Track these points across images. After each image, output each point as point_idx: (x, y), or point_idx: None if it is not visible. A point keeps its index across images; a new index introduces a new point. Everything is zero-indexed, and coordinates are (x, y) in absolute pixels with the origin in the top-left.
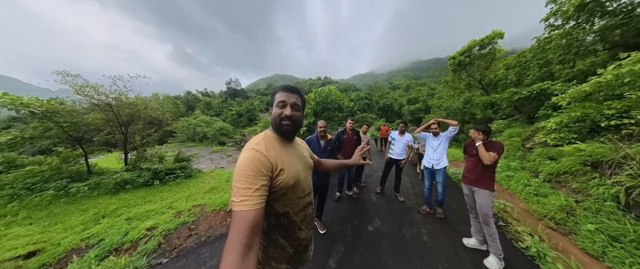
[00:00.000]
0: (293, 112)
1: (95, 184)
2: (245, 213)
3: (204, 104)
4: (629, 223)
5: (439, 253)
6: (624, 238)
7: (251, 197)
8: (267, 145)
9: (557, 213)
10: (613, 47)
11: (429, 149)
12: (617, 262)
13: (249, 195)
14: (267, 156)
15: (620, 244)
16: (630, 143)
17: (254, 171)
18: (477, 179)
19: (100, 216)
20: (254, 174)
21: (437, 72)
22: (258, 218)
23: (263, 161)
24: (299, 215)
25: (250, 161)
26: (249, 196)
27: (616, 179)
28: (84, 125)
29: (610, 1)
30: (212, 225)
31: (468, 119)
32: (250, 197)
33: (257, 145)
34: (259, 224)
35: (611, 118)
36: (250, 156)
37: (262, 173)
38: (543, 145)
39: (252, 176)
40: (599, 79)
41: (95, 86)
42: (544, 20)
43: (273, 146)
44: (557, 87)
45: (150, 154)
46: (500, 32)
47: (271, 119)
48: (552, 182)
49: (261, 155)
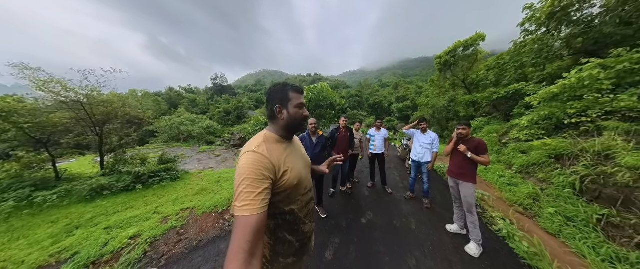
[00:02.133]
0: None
1: (66, 192)
2: (248, 218)
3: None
4: (581, 206)
5: (425, 239)
6: (576, 218)
7: (254, 201)
8: (268, 147)
9: (525, 199)
10: (576, 53)
11: (417, 144)
12: (570, 238)
13: (251, 199)
14: (270, 158)
15: (573, 223)
16: (587, 138)
17: (256, 175)
18: (462, 173)
19: (74, 227)
20: (256, 177)
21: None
22: (261, 222)
23: (265, 164)
24: (303, 211)
25: (252, 165)
26: (251, 200)
27: (573, 169)
28: (50, 125)
29: (574, 11)
30: (203, 228)
31: (452, 117)
32: (253, 202)
33: (258, 147)
34: (262, 228)
35: (573, 116)
36: (252, 159)
37: (265, 176)
38: (516, 141)
39: (254, 180)
40: (565, 81)
41: (62, 81)
42: (521, 25)
43: (274, 147)
44: (529, 88)
45: (131, 156)
46: (482, 34)
47: (290, 119)
48: (522, 173)
49: (263, 157)
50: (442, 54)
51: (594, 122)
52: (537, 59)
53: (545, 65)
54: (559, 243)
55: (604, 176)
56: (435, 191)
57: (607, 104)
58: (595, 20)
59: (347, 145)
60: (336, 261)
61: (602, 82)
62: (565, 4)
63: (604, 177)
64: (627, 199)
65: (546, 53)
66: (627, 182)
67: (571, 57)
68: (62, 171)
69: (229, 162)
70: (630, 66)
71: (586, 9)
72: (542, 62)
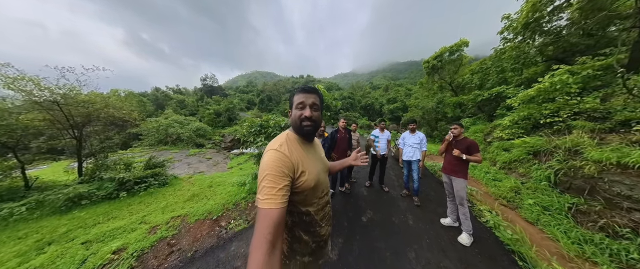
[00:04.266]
0: (312, 112)
1: (36, 203)
2: (269, 210)
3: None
4: (555, 196)
5: (422, 233)
6: (551, 207)
7: (275, 196)
8: (289, 146)
9: (508, 193)
10: (548, 60)
11: (406, 145)
12: (546, 225)
13: (272, 194)
14: (290, 157)
15: (548, 212)
16: (559, 136)
17: (277, 171)
18: (455, 170)
19: (45, 243)
20: (277, 174)
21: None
22: (281, 216)
23: (286, 162)
24: (319, 214)
25: (274, 162)
26: (272, 195)
27: (549, 164)
28: (20, 128)
29: (545, 22)
30: (197, 237)
31: (441, 117)
32: (274, 196)
33: (280, 147)
34: (281, 221)
35: (547, 117)
36: (274, 157)
37: (285, 174)
38: (500, 139)
39: (275, 176)
40: (540, 85)
41: (35, 78)
42: (500, 33)
43: (295, 148)
44: (510, 91)
45: (114, 160)
46: (466, 40)
47: (291, 121)
48: (505, 169)
49: (284, 156)
50: (429, 58)
51: (564, 122)
52: (515, 64)
53: (523, 70)
54: (537, 230)
55: (573, 169)
56: (428, 188)
57: (575, 105)
58: (563, 31)
59: (346, 146)
60: (341, 259)
61: (571, 86)
62: (538, 15)
63: (574, 170)
64: (592, 189)
65: (523, 59)
66: (592, 173)
67: (544, 64)
68: (33, 179)
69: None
70: (593, 72)
71: (555, 21)
72: (519, 67)
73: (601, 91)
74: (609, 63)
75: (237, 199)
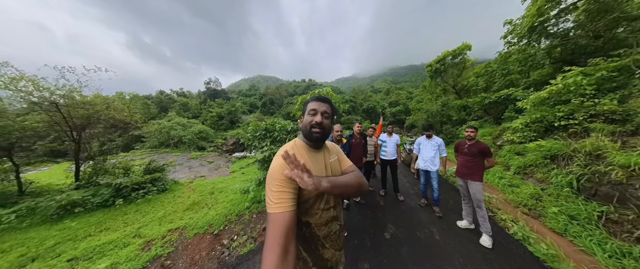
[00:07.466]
0: (323, 119)
1: (28, 210)
2: (278, 215)
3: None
4: (581, 204)
5: (452, 251)
6: (578, 216)
7: (284, 200)
8: (296, 153)
9: (529, 200)
10: (555, 62)
11: (424, 152)
12: (576, 236)
13: (281, 198)
14: None
15: (576, 222)
16: (576, 139)
17: (284, 177)
18: (470, 173)
19: (29, 258)
20: (284, 178)
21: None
22: (291, 220)
23: None
24: (322, 229)
25: (280, 167)
26: (281, 199)
27: (569, 169)
28: (17, 130)
29: (551, 26)
30: (195, 259)
31: (445, 121)
32: (283, 201)
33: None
34: (293, 225)
35: (561, 119)
36: (281, 163)
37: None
38: (511, 142)
39: (283, 181)
40: (552, 87)
41: (34, 79)
42: (503, 37)
43: (301, 154)
44: (519, 93)
45: (112, 164)
46: (468, 44)
47: (302, 126)
48: (520, 174)
49: None
50: (432, 62)
51: (580, 124)
52: (522, 67)
53: (530, 73)
54: (567, 242)
55: (598, 174)
56: (445, 196)
57: (591, 107)
58: (570, 32)
59: (362, 152)
60: None
61: (585, 87)
62: (542, 19)
63: (599, 176)
64: (622, 196)
65: (530, 62)
66: (620, 179)
67: (552, 66)
68: (27, 183)
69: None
70: (607, 74)
71: (561, 23)
72: (526, 70)
73: (617, 92)
74: (625, 64)
75: (240, 210)
